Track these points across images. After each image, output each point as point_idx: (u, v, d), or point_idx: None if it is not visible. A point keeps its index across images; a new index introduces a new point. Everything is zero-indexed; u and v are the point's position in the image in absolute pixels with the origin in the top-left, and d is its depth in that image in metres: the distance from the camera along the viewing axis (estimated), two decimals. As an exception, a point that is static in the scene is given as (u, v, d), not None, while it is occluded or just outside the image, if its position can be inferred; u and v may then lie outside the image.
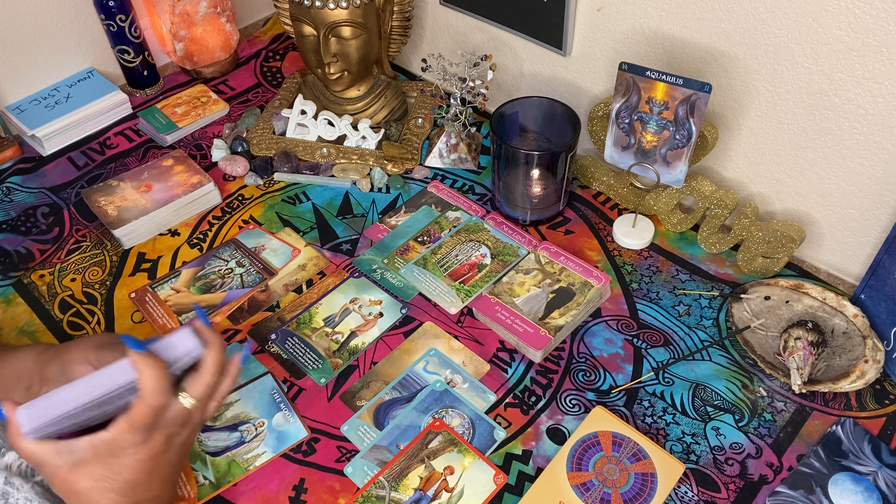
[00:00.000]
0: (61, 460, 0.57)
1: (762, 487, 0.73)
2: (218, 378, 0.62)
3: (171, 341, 0.61)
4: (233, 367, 0.64)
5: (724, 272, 0.93)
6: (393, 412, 0.80)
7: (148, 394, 0.57)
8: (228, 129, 1.15)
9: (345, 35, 1.02)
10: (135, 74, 1.22)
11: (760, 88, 0.86)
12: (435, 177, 1.08)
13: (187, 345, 0.61)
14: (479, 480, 0.74)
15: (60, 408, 0.57)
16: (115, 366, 0.58)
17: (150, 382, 0.57)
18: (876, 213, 0.85)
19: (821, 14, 0.77)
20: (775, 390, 0.81)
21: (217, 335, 0.63)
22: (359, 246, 0.98)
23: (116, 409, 0.59)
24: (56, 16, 1.15)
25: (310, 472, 0.76)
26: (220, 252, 0.97)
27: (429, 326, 0.88)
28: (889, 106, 0.77)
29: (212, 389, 0.62)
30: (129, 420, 0.57)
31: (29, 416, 0.56)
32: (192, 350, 0.61)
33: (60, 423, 0.57)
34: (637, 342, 0.86)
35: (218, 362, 0.62)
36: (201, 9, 1.20)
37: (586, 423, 0.78)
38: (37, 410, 0.56)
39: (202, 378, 0.61)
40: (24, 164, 1.12)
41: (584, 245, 0.97)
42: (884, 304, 0.81)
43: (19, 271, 0.97)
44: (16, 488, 0.63)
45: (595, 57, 1.00)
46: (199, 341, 0.61)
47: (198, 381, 0.61)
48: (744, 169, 0.95)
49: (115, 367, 0.58)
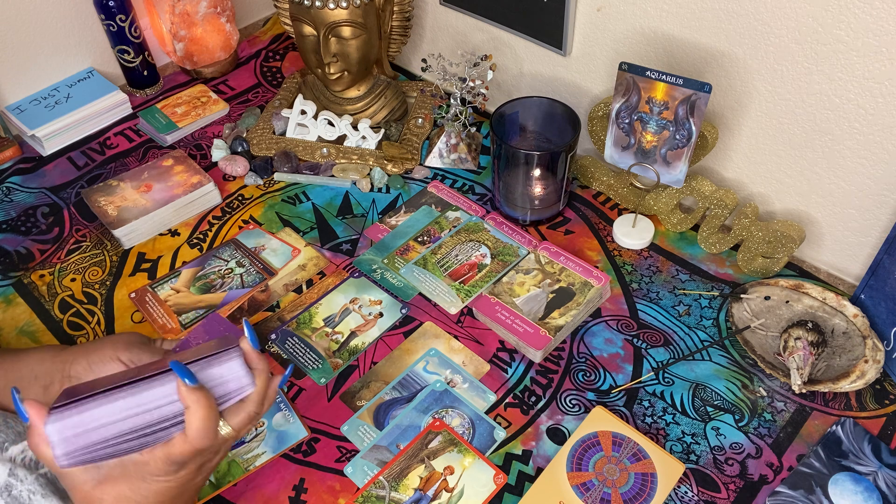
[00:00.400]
0: (87, 476, 0.55)
1: (762, 487, 0.73)
2: (261, 409, 0.60)
3: (223, 373, 0.57)
4: (272, 393, 0.61)
5: (724, 272, 0.93)
6: (393, 412, 0.80)
7: (194, 436, 0.54)
8: (228, 129, 1.15)
9: (345, 35, 1.02)
10: (135, 74, 1.22)
11: (760, 88, 0.86)
12: (435, 177, 1.08)
13: (240, 381, 0.57)
14: (479, 480, 0.74)
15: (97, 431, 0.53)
16: (161, 389, 0.54)
17: (198, 424, 0.54)
18: (876, 213, 0.85)
19: (821, 14, 0.77)
20: (775, 390, 0.81)
21: (265, 363, 0.60)
22: (359, 246, 0.98)
23: (156, 439, 0.55)
24: (56, 16, 1.15)
25: (310, 472, 0.76)
26: (220, 252, 0.97)
27: (429, 326, 0.88)
28: (889, 106, 0.77)
29: (253, 421, 0.60)
30: (168, 453, 0.55)
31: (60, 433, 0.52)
32: (244, 388, 0.58)
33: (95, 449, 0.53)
34: (637, 342, 0.86)
35: (263, 394, 0.59)
36: (201, 9, 1.20)
37: (586, 423, 0.78)
38: (69, 427, 0.52)
39: (246, 410, 0.58)
40: (24, 164, 1.12)
41: (584, 245, 0.97)
42: (884, 304, 0.81)
43: (19, 271, 0.97)
44: (20, 480, 0.62)
45: (595, 57, 1.00)
46: (251, 377, 0.58)
47: (241, 412, 0.58)
48: (744, 169, 0.95)
49: (158, 392, 0.54)
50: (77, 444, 0.53)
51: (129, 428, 0.54)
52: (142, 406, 0.54)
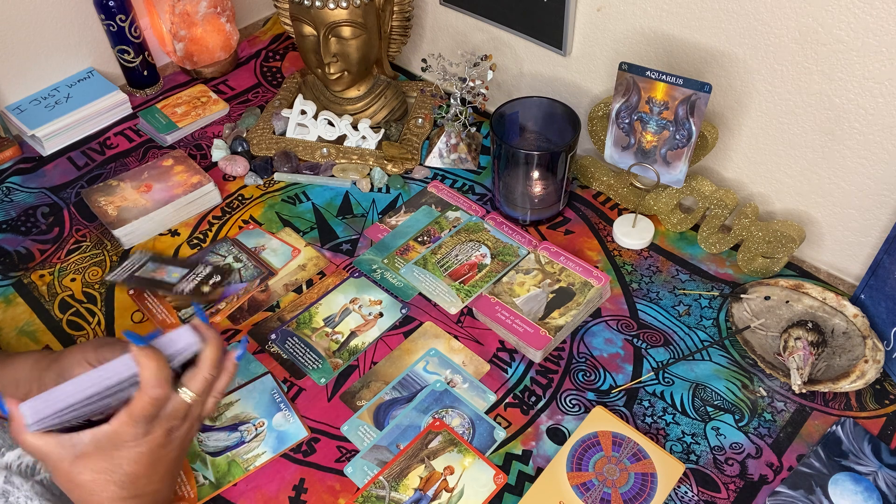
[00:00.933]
0: (64, 453, 0.58)
1: (762, 487, 0.73)
2: (216, 373, 0.63)
3: (171, 337, 0.62)
4: (230, 364, 0.65)
5: (724, 272, 0.93)
6: (393, 412, 0.80)
7: (148, 385, 0.58)
8: (228, 129, 1.15)
9: (345, 35, 1.02)
10: (135, 74, 1.22)
11: (760, 88, 0.86)
12: (435, 177, 1.08)
13: (187, 339, 0.62)
14: (479, 480, 0.74)
15: (63, 400, 0.58)
16: (118, 360, 0.59)
17: (149, 374, 0.58)
18: (876, 213, 0.85)
19: (821, 14, 0.77)
20: (775, 390, 0.81)
21: (215, 332, 0.64)
22: (359, 246, 0.98)
23: (118, 401, 0.60)
24: (56, 16, 1.15)
25: (310, 472, 0.76)
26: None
27: (429, 326, 0.88)
28: (889, 106, 0.77)
29: (210, 385, 0.63)
30: (129, 412, 0.58)
31: (32, 408, 0.57)
32: (191, 345, 0.62)
33: (63, 415, 0.58)
34: (637, 342, 0.86)
35: (216, 357, 0.63)
36: (201, 9, 1.20)
37: (586, 423, 0.78)
38: (39, 403, 0.57)
39: (200, 373, 0.62)
40: (24, 164, 1.12)
41: (584, 245, 0.97)
42: (884, 304, 0.81)
43: (19, 271, 0.97)
44: (16, 487, 0.63)
45: (595, 57, 1.00)
46: (199, 337, 0.63)
47: (196, 375, 0.62)
48: (744, 169, 0.95)
49: (117, 362, 0.59)
50: (46, 412, 0.57)
51: (92, 392, 0.58)
52: (102, 375, 0.59)
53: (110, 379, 0.59)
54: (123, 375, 0.59)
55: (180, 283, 0.90)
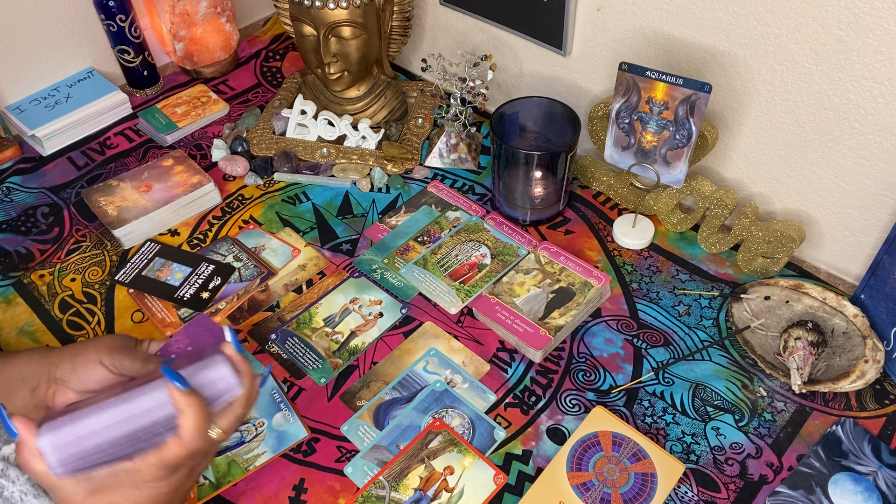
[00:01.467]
0: (79, 487, 0.55)
1: (762, 487, 0.73)
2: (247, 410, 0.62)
3: (212, 377, 0.58)
4: (254, 395, 0.63)
5: (724, 272, 0.93)
6: (393, 412, 0.80)
7: (188, 437, 0.55)
8: (228, 129, 1.15)
9: (345, 35, 1.02)
10: (135, 74, 1.22)
11: (760, 88, 0.86)
12: (435, 177, 1.08)
13: (228, 383, 0.59)
14: (479, 480, 0.74)
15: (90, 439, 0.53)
16: (151, 396, 0.55)
17: (191, 426, 0.55)
18: (876, 213, 0.85)
19: (821, 14, 0.77)
20: (775, 390, 0.81)
21: (249, 365, 0.62)
22: (359, 246, 0.98)
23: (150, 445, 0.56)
24: (56, 16, 1.15)
25: (310, 472, 0.76)
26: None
27: (429, 326, 0.88)
28: (889, 106, 0.77)
29: (240, 422, 0.61)
30: (160, 457, 0.55)
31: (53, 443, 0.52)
32: (232, 388, 0.59)
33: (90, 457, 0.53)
34: (637, 342, 0.86)
35: (249, 395, 0.61)
36: (201, 9, 1.20)
37: (586, 423, 0.78)
38: (61, 438, 0.52)
39: (234, 412, 0.60)
40: (24, 164, 1.12)
41: (584, 245, 0.97)
42: (884, 304, 0.81)
43: (19, 271, 0.97)
44: (11, 481, 0.62)
45: (595, 57, 1.00)
46: (238, 379, 0.59)
47: (230, 415, 0.60)
48: (744, 169, 0.95)
49: (150, 398, 0.55)
50: (70, 452, 0.52)
51: (122, 434, 0.54)
52: (134, 413, 0.54)
53: (143, 418, 0.54)
54: (158, 416, 0.55)
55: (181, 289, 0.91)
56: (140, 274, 0.94)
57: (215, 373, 0.58)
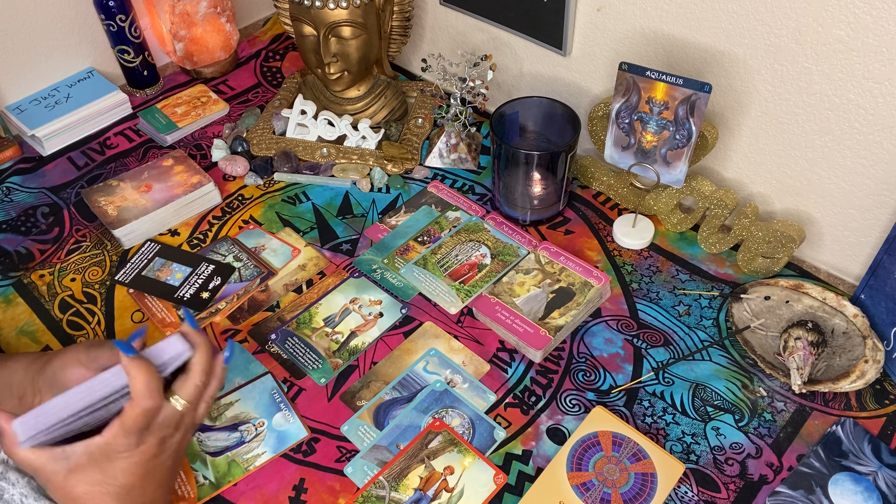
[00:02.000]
0: (58, 466, 0.57)
1: (762, 487, 0.73)
2: (207, 380, 0.63)
3: (161, 346, 0.61)
4: (219, 369, 0.65)
5: (724, 272, 0.93)
6: (393, 412, 0.80)
7: (139, 396, 0.58)
8: (228, 129, 1.15)
9: (345, 35, 1.02)
10: (135, 74, 1.22)
11: (760, 88, 0.86)
12: (435, 177, 1.08)
13: (177, 348, 0.62)
14: (479, 480, 0.74)
15: (55, 415, 0.57)
16: (109, 371, 0.59)
17: (140, 385, 0.58)
18: (876, 213, 0.85)
19: (821, 14, 0.77)
20: (775, 390, 0.81)
21: (204, 337, 0.64)
22: (359, 246, 0.98)
23: (110, 414, 0.59)
24: (56, 16, 1.15)
25: (310, 472, 0.76)
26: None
27: (429, 326, 0.88)
28: (889, 106, 0.77)
29: (201, 391, 0.63)
30: (122, 423, 0.58)
31: (23, 424, 0.56)
32: (181, 353, 0.62)
33: (55, 430, 0.57)
34: (637, 342, 0.86)
35: (206, 363, 0.62)
36: (201, 9, 1.20)
37: (586, 423, 0.78)
38: (31, 419, 0.57)
39: (191, 380, 0.62)
40: (24, 164, 1.12)
41: (584, 245, 0.97)
42: (884, 304, 0.81)
43: (19, 271, 0.97)
44: (11, 483, 0.63)
45: (595, 57, 1.00)
46: (188, 345, 0.62)
47: (187, 383, 0.62)
48: (744, 169, 0.95)
49: (108, 373, 0.59)
50: (37, 427, 0.57)
51: (84, 405, 0.58)
52: (92, 388, 0.58)
53: (101, 390, 0.58)
54: (115, 386, 0.58)
55: (181, 289, 0.91)
56: (140, 274, 0.94)
57: (163, 343, 0.62)
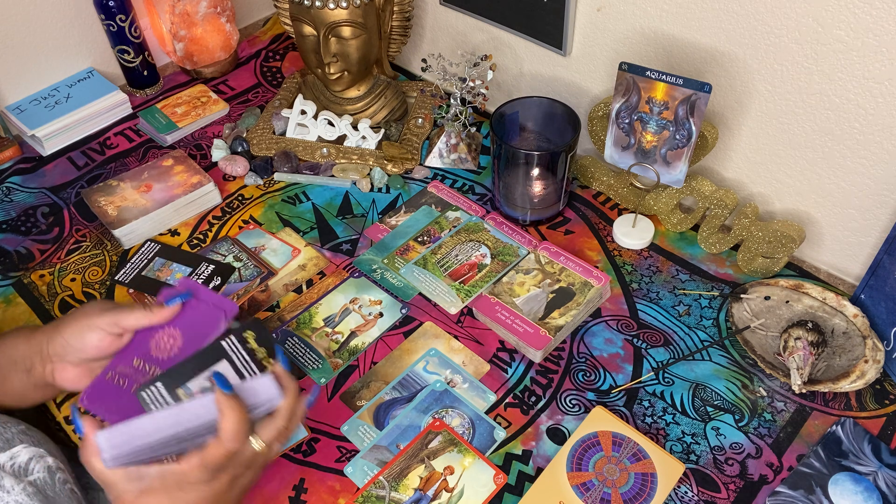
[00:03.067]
0: (131, 486, 0.58)
1: (762, 487, 0.73)
2: (289, 424, 0.64)
3: (254, 386, 0.63)
4: (300, 411, 0.66)
5: (724, 272, 0.93)
6: (393, 412, 0.80)
7: (226, 438, 0.59)
8: (228, 129, 1.15)
9: (345, 35, 1.02)
10: (135, 74, 1.22)
11: (760, 88, 0.86)
12: (435, 177, 1.08)
13: (270, 393, 0.63)
14: (479, 480, 0.74)
15: (142, 438, 0.58)
16: (199, 402, 0.60)
17: (230, 427, 0.59)
18: (876, 213, 0.85)
19: (821, 14, 0.77)
20: (775, 390, 0.81)
21: (294, 382, 0.65)
22: (359, 246, 0.98)
23: (194, 445, 0.60)
24: (56, 16, 1.15)
25: (310, 472, 0.76)
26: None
27: (429, 326, 0.88)
28: (889, 106, 0.77)
29: (282, 434, 0.64)
30: (202, 458, 0.59)
31: (109, 440, 0.58)
32: (273, 399, 0.63)
33: (140, 454, 0.59)
34: (637, 342, 0.86)
35: (292, 410, 0.64)
36: (201, 9, 1.20)
37: (586, 423, 0.78)
38: (116, 436, 0.58)
39: (276, 424, 0.63)
40: (24, 164, 1.12)
41: (584, 245, 0.97)
42: (884, 304, 0.81)
43: (19, 271, 0.97)
44: (6, 491, 0.62)
45: (595, 57, 1.00)
46: (280, 391, 0.63)
47: (271, 426, 0.63)
48: (744, 169, 0.95)
49: (198, 404, 0.60)
50: (123, 448, 0.58)
51: (172, 434, 0.59)
52: (182, 416, 0.60)
53: (191, 422, 0.59)
54: (204, 420, 0.60)
55: None
56: (140, 274, 0.94)
57: (258, 382, 0.63)
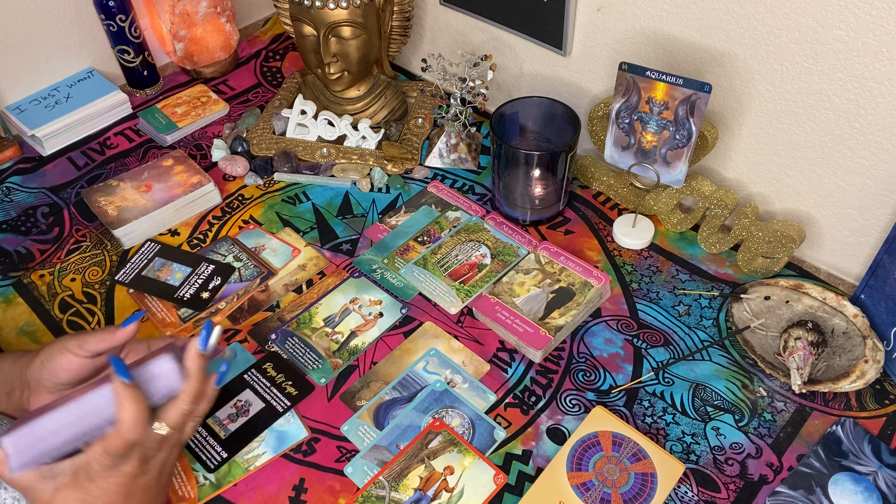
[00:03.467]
0: (45, 485, 0.58)
1: (762, 487, 0.73)
2: (194, 405, 0.62)
3: (154, 372, 0.61)
4: (210, 391, 0.64)
5: (724, 272, 0.93)
6: (393, 412, 0.80)
7: (124, 429, 0.58)
8: (228, 129, 1.15)
9: (345, 35, 1.02)
10: (135, 74, 1.22)
11: (760, 88, 0.86)
12: (435, 177, 1.08)
13: (170, 379, 0.61)
14: (479, 480, 0.74)
15: (46, 440, 0.57)
16: (99, 394, 0.59)
17: (127, 417, 0.58)
18: (876, 213, 0.85)
19: (821, 14, 0.77)
20: (775, 390, 0.81)
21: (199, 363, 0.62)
22: (359, 246, 0.98)
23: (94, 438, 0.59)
24: (56, 16, 1.15)
25: (310, 472, 0.76)
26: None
27: (429, 326, 0.88)
28: (889, 106, 0.77)
29: (188, 416, 0.62)
30: (103, 446, 0.58)
31: (14, 445, 0.57)
32: (172, 385, 0.61)
33: (44, 457, 0.58)
34: (637, 342, 0.86)
35: (194, 392, 0.62)
36: (201, 9, 1.20)
37: (586, 423, 0.78)
38: (21, 440, 0.57)
39: (178, 407, 0.61)
40: (24, 164, 1.12)
41: (584, 245, 0.97)
42: (884, 304, 0.81)
43: (19, 271, 0.97)
44: (4, 488, 0.62)
45: (595, 57, 1.00)
46: (181, 376, 0.61)
47: (173, 409, 0.61)
48: (744, 169, 0.95)
49: (98, 396, 0.59)
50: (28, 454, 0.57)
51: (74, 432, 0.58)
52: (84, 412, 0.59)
53: (92, 417, 0.58)
54: (105, 413, 0.59)
55: (181, 289, 0.91)
56: (140, 274, 0.94)
57: (158, 368, 0.61)
